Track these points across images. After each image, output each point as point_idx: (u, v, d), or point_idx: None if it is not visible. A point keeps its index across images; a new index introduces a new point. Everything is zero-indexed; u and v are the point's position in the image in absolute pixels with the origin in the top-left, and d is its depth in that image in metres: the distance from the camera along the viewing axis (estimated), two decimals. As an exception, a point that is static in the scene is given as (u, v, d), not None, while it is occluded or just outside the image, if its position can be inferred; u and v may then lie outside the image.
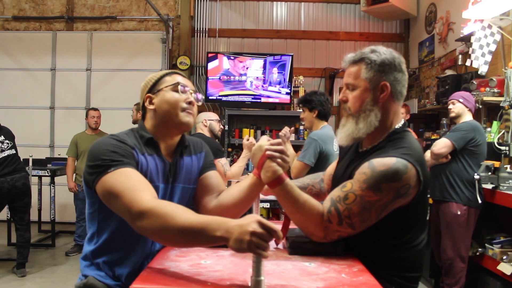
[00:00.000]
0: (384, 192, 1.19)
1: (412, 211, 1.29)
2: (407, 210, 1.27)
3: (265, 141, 1.32)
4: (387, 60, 1.33)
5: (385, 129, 1.37)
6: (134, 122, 4.51)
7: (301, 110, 3.34)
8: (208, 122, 3.29)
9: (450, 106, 3.16)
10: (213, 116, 3.36)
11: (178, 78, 1.40)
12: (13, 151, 3.80)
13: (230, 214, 1.31)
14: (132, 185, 1.16)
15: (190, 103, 1.38)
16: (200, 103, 1.45)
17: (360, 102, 1.34)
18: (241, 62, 5.31)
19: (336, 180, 1.50)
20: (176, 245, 1.17)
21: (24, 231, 3.80)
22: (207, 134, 3.29)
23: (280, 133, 3.21)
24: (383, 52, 1.34)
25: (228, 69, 5.30)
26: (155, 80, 1.40)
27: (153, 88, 1.40)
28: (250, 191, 1.38)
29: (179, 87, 1.37)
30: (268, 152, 1.27)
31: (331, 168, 1.70)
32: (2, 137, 3.73)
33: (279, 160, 1.27)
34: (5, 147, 3.74)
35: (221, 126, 3.36)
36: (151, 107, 1.38)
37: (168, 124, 1.37)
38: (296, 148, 3.73)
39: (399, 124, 1.38)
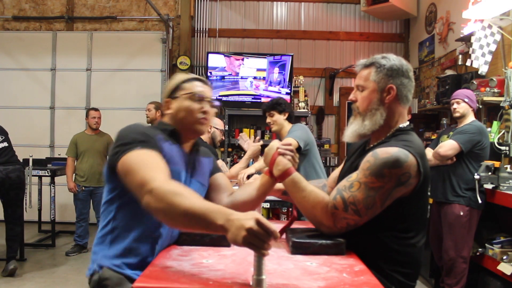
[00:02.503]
0: (386, 178, 1.28)
1: (413, 203, 1.35)
2: (408, 201, 1.34)
3: (276, 142, 1.48)
4: (395, 66, 1.44)
5: (390, 128, 1.47)
6: (150, 122, 4.46)
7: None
8: (212, 130, 3.37)
9: (455, 106, 3.11)
10: (220, 125, 3.48)
11: (197, 87, 1.47)
12: (6, 144, 3.76)
13: (243, 210, 1.35)
14: (151, 164, 1.23)
15: (205, 112, 1.46)
16: (216, 110, 1.56)
17: (368, 101, 1.45)
18: (237, 60, 5.31)
19: (342, 177, 1.53)
20: (178, 226, 1.21)
21: (14, 225, 3.75)
22: (207, 140, 3.33)
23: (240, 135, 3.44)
24: (392, 58, 1.46)
25: (226, 67, 5.31)
26: (175, 86, 1.48)
27: (172, 94, 1.48)
28: (263, 188, 1.52)
29: (196, 96, 1.45)
30: (280, 150, 1.45)
31: (336, 172, 1.77)
32: None
33: (289, 157, 1.44)
34: None
35: (222, 137, 3.50)
36: (169, 111, 1.48)
37: (184, 129, 1.47)
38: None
39: (404, 124, 1.48)
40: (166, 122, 1.49)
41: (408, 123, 1.49)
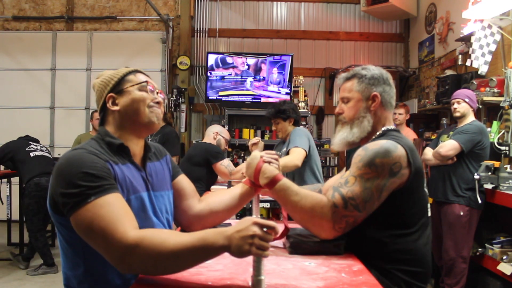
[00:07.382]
0: (379, 168, 1.31)
1: (407, 197, 1.36)
2: (402, 195, 1.35)
3: (258, 152, 1.44)
4: (376, 75, 1.52)
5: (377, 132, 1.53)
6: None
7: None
8: (218, 137, 3.48)
9: (455, 106, 3.10)
10: (226, 134, 3.61)
11: (143, 77, 1.31)
12: (49, 155, 3.99)
13: (218, 219, 1.42)
14: (112, 220, 1.04)
15: (157, 103, 1.29)
16: (165, 103, 1.38)
17: (355, 111, 1.52)
18: (240, 61, 5.32)
19: None
20: (174, 271, 1.06)
21: (44, 231, 3.86)
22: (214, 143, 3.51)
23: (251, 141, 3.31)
24: (372, 68, 1.54)
25: (228, 68, 5.31)
26: (118, 79, 1.28)
27: (116, 88, 1.27)
28: (242, 199, 1.44)
29: (148, 87, 1.28)
30: (265, 157, 1.41)
31: (332, 180, 1.77)
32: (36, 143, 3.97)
33: (275, 165, 1.41)
34: (42, 149, 3.96)
35: (227, 147, 3.59)
36: (115, 108, 1.26)
37: (135, 123, 1.27)
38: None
39: (390, 126, 1.54)
40: (110, 133, 1.25)
41: (394, 126, 1.55)
